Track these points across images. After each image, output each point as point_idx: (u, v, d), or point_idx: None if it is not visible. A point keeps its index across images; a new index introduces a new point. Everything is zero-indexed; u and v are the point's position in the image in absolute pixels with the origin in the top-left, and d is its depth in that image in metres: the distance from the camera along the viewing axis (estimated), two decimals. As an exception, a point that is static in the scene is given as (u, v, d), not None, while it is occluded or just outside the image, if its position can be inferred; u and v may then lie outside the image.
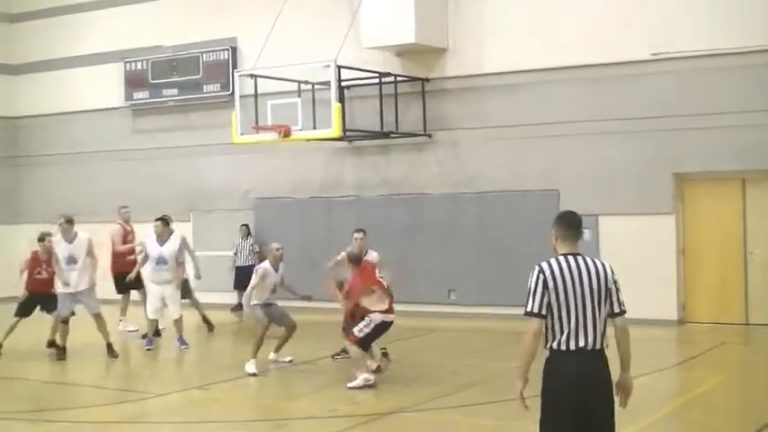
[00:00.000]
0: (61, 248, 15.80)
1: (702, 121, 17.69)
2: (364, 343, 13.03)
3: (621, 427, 10.70)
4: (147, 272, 17.32)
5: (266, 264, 14.52)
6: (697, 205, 18.36)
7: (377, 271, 13.46)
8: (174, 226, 17.61)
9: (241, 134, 19.56)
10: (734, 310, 17.98)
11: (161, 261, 16.67)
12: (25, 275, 16.37)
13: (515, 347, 16.29)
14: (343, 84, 19.49)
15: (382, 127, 19.92)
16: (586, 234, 18.68)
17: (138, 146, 24.55)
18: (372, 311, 12.93)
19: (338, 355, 14.65)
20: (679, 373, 14.38)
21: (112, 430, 11.26)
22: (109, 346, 15.88)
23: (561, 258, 6.93)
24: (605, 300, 6.99)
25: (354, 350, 12.95)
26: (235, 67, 22.11)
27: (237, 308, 21.84)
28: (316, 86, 19.91)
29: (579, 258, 6.93)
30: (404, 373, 13.45)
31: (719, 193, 18.21)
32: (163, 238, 16.79)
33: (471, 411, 11.68)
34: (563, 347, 6.86)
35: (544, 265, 6.91)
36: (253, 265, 17.42)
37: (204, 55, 23.09)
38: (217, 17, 23.02)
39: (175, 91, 23.64)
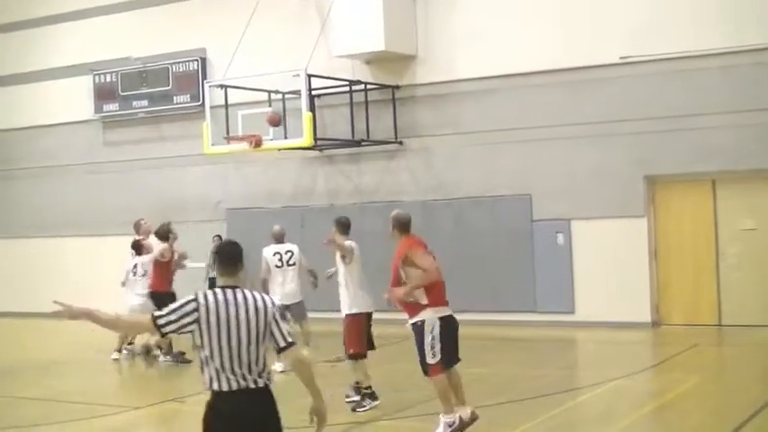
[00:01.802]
0: None
1: (672, 123, 17.79)
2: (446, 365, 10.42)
3: (599, 430, 10.77)
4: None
5: None
6: (669, 207, 18.45)
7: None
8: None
9: (212, 145, 19.51)
10: (707, 311, 18.05)
11: None
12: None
13: (491, 354, 16.35)
14: (314, 92, 19.47)
15: (353, 135, 19.92)
16: (559, 238, 18.79)
17: (108, 158, 24.42)
18: (424, 306, 10.50)
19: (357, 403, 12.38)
20: (654, 376, 14.41)
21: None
22: None
23: (219, 291, 6.37)
24: (265, 336, 6.40)
25: (438, 382, 10.29)
26: (205, 77, 22.05)
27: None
28: (286, 96, 19.90)
29: (238, 292, 6.38)
30: (379, 382, 13.40)
31: (691, 194, 18.29)
32: None
33: (448, 418, 11.66)
34: (224, 387, 6.34)
35: (200, 294, 6.34)
36: None
37: (174, 66, 23.01)
38: (186, 28, 22.94)
39: (145, 102, 23.54)
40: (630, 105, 18.19)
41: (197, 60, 22.71)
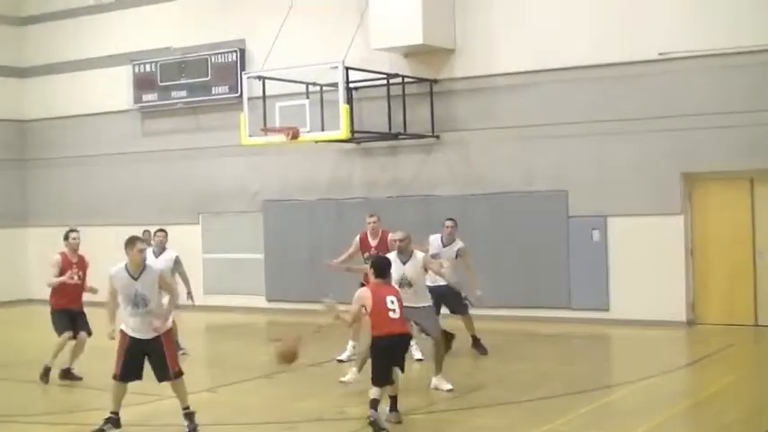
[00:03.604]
0: None
1: (710, 120, 17.67)
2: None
3: (633, 426, 10.73)
4: None
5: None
6: (706, 205, 18.32)
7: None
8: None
9: (250, 136, 19.60)
10: (743, 310, 17.91)
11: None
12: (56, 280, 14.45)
13: (525, 349, 16.31)
14: (351, 85, 19.50)
15: (390, 128, 19.92)
16: (595, 235, 18.72)
17: (147, 148, 24.57)
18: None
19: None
20: (689, 374, 14.35)
21: (122, 432, 11.28)
22: None
23: None
24: None
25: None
26: (243, 68, 22.12)
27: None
28: (324, 88, 19.94)
29: None
30: (415, 374, 13.43)
31: (728, 192, 18.16)
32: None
33: (480, 413, 11.68)
34: None
35: None
36: None
37: (212, 57, 23.09)
38: (225, 19, 23.05)
39: (184, 93, 23.64)
40: (669, 102, 18.08)
41: (236, 51, 22.78)
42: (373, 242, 15.33)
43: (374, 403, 10.77)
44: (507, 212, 19.64)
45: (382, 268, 11.39)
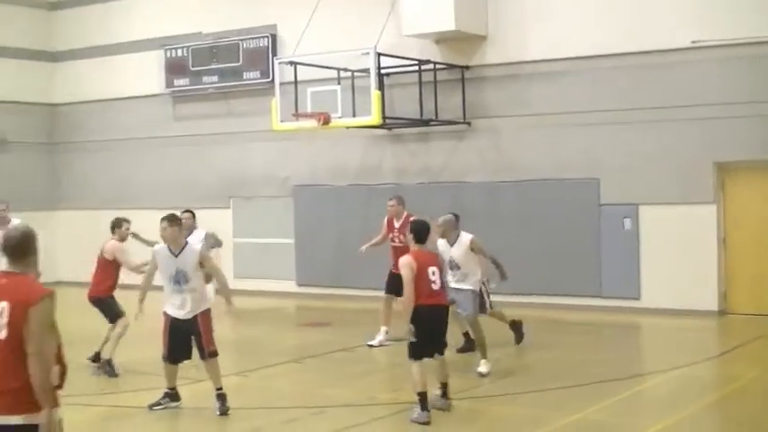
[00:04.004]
0: None
1: (743, 109, 17.52)
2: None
3: (659, 419, 10.69)
4: None
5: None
6: (738, 194, 18.19)
7: None
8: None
9: (281, 121, 19.60)
10: (775, 300, 17.82)
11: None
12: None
13: (555, 338, 16.27)
14: (383, 71, 19.44)
15: (422, 114, 19.87)
16: (627, 223, 18.62)
17: (178, 132, 24.63)
18: None
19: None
20: (719, 365, 14.26)
21: (153, 415, 11.34)
22: None
23: None
24: None
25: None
26: (274, 54, 22.12)
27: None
28: (355, 74, 19.90)
29: None
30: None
31: (761, 182, 18.02)
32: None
33: (509, 400, 11.67)
34: None
35: None
36: None
37: (244, 42, 23.10)
38: (256, 4, 23.05)
39: (215, 78, 23.67)
40: (701, 90, 17.93)
41: (267, 37, 22.78)
42: (397, 224, 15.65)
43: (424, 399, 10.60)
44: (538, 200, 19.58)
45: (420, 233, 11.17)
